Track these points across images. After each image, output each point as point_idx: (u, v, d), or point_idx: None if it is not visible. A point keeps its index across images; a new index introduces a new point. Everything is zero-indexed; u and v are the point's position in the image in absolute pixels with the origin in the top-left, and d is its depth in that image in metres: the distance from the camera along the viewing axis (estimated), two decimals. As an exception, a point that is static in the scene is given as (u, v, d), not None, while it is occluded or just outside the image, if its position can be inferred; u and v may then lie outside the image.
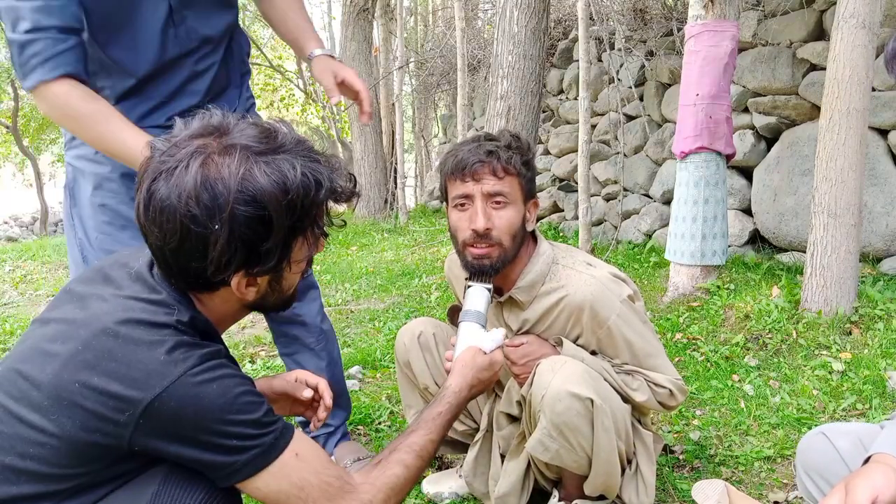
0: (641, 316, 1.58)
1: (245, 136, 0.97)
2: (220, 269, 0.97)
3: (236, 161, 0.94)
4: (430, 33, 10.54)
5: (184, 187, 0.93)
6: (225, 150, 0.95)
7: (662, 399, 1.56)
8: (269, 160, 0.96)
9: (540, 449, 1.46)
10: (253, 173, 0.94)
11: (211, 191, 0.93)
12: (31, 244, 8.70)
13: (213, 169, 0.94)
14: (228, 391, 0.96)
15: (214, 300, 1.06)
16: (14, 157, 17.23)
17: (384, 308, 4.07)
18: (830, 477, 1.14)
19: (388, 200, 8.44)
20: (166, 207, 0.94)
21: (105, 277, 1.06)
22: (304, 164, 0.98)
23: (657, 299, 3.55)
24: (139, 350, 0.94)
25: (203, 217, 0.93)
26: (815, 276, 2.85)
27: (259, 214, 0.94)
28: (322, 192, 1.00)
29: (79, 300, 1.03)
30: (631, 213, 5.35)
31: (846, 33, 2.69)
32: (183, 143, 0.97)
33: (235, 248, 0.96)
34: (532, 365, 1.51)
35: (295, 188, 0.96)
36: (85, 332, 0.96)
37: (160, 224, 0.95)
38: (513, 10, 3.18)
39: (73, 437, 0.93)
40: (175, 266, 0.99)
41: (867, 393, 2.33)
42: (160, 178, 0.95)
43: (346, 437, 2.06)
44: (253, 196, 0.94)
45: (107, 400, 0.92)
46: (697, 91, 3.25)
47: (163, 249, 0.98)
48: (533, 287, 1.56)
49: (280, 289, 1.09)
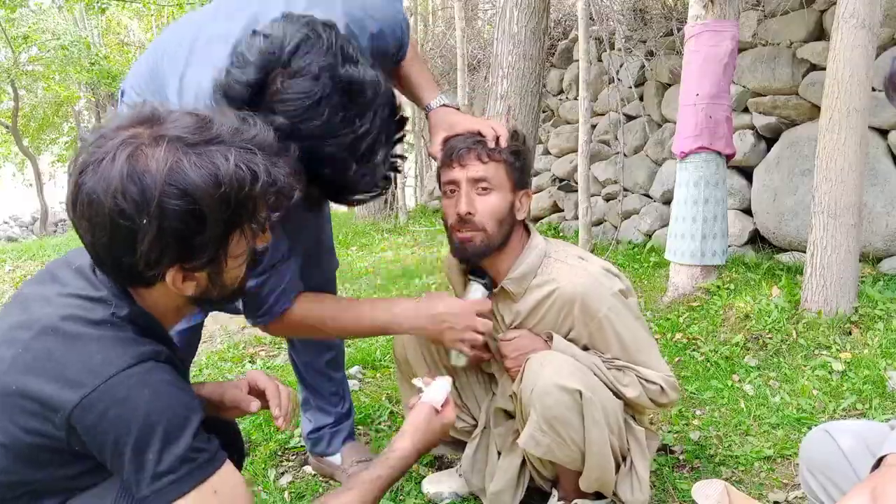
0: (633, 311, 1.58)
1: (177, 127, 0.93)
2: (150, 264, 0.93)
3: (164, 152, 0.89)
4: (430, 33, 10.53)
5: (110, 180, 0.88)
6: (155, 140, 0.90)
7: (654, 396, 1.55)
8: (202, 151, 0.91)
9: (532, 443, 1.47)
10: (182, 165, 0.89)
11: (138, 184, 0.88)
12: (31, 244, 8.70)
13: (140, 161, 0.89)
14: (160, 400, 0.92)
15: (153, 295, 1.02)
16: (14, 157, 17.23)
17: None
18: (833, 475, 1.13)
19: (388, 200, 8.43)
20: (93, 201, 0.89)
21: (52, 277, 1.05)
22: (238, 155, 0.93)
23: (657, 299, 3.55)
24: (76, 347, 0.92)
25: (130, 211, 0.88)
26: (815, 276, 2.85)
27: (189, 208, 0.90)
28: (258, 184, 0.94)
29: (23, 303, 1.01)
30: (631, 213, 5.35)
31: (846, 33, 2.69)
32: (111, 134, 0.92)
33: (166, 243, 0.91)
34: (523, 359, 1.52)
35: (228, 181, 0.91)
36: (26, 334, 0.95)
37: (88, 218, 0.91)
38: (513, 10, 3.18)
39: (18, 442, 0.92)
40: (108, 260, 0.96)
41: (867, 393, 2.32)
42: (87, 171, 0.90)
43: (353, 437, 2.06)
44: (183, 189, 0.89)
45: (41, 403, 0.90)
46: (697, 91, 3.24)
47: (94, 244, 0.94)
48: (524, 279, 1.57)
49: (222, 282, 1.03)
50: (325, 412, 1.99)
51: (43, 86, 14.17)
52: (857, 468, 1.10)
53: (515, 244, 1.59)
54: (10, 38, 11.69)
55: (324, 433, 1.99)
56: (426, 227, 7.34)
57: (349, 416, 2.05)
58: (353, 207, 1.64)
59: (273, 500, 1.86)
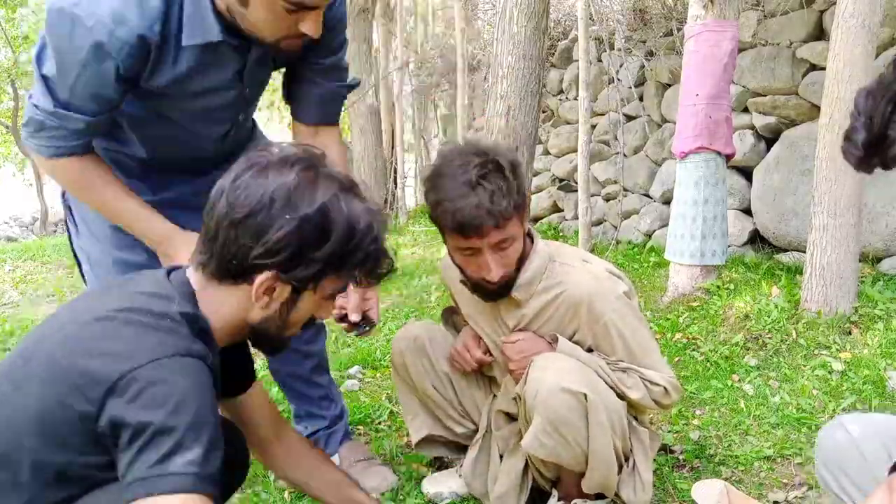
0: (637, 313, 1.58)
1: (337, 173, 1.09)
2: (263, 256, 1.02)
3: (331, 185, 1.05)
4: (430, 33, 10.53)
5: (282, 179, 1.02)
6: (326, 173, 1.07)
7: (657, 397, 1.56)
8: (353, 198, 1.07)
9: (536, 445, 1.46)
10: (339, 199, 1.05)
11: (301, 193, 1.02)
12: (31, 244, 8.69)
13: (307, 177, 1.04)
14: (197, 394, 0.95)
15: (221, 296, 1.07)
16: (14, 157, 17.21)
17: (384, 308, 4.07)
18: (848, 469, 1.14)
19: (388, 200, 8.44)
20: (257, 186, 1.02)
21: (128, 279, 1.13)
22: (374, 216, 1.09)
23: (657, 299, 3.55)
24: (130, 331, 0.97)
25: (281, 205, 1.01)
26: (814, 276, 2.85)
27: (324, 226, 1.03)
28: (374, 245, 1.09)
29: (87, 298, 1.09)
30: (631, 213, 5.35)
31: (846, 33, 2.69)
32: (287, 150, 1.08)
33: (288, 244, 1.02)
34: (527, 361, 1.52)
35: (360, 227, 1.06)
36: (87, 316, 1.00)
37: (239, 196, 1.02)
38: (513, 10, 3.18)
39: (48, 413, 0.95)
40: (222, 237, 1.03)
41: (867, 393, 2.32)
42: (254, 168, 1.04)
43: (349, 437, 2.06)
44: (327, 210, 1.03)
45: (89, 377, 0.93)
46: (697, 91, 3.24)
47: (224, 219, 1.03)
48: (531, 284, 1.57)
49: (287, 318, 1.12)
50: (318, 417, 1.99)
51: (43, 86, 14.12)
52: (871, 460, 1.11)
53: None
54: (10, 38, 11.69)
55: (319, 436, 1.99)
56: (426, 227, 7.34)
57: (342, 416, 2.05)
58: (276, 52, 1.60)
59: (273, 500, 1.86)
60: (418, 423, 1.85)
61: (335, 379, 2.17)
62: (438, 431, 1.85)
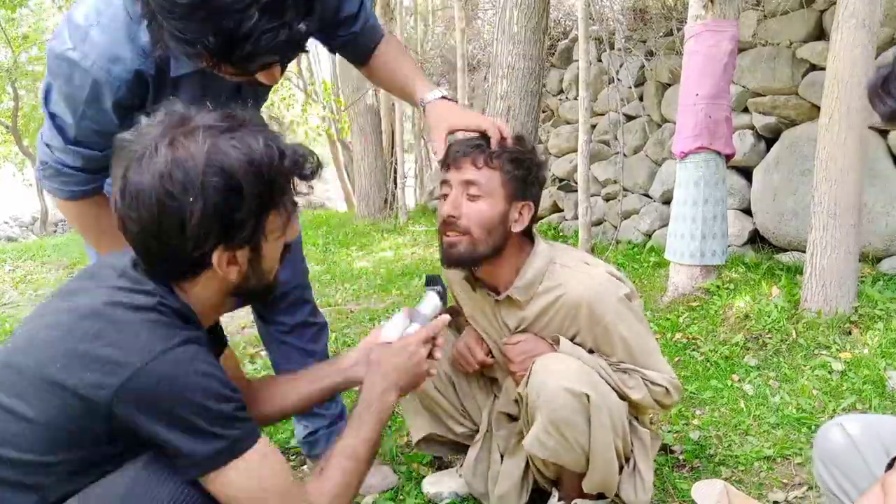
0: (638, 314, 1.58)
1: (207, 118, 1.02)
2: (199, 243, 1.00)
3: (202, 137, 0.99)
4: (430, 33, 10.53)
5: (156, 169, 0.96)
6: (190, 131, 0.99)
7: (658, 397, 1.56)
8: (234, 135, 1.01)
9: (537, 446, 1.46)
10: (219, 146, 0.99)
11: (182, 167, 0.96)
12: (31, 244, 8.70)
13: (180, 148, 0.98)
14: (206, 377, 0.99)
15: (196, 287, 1.08)
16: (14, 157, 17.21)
17: (384, 308, 4.07)
18: (846, 468, 1.15)
19: (388, 200, 8.44)
20: (141, 190, 0.97)
21: (92, 275, 1.10)
22: (266, 136, 1.03)
23: (657, 299, 3.55)
24: (122, 329, 0.97)
25: (178, 192, 0.96)
26: (814, 276, 2.85)
27: (229, 184, 0.98)
28: (286, 161, 1.04)
29: (67, 295, 1.07)
30: (631, 213, 5.35)
31: (846, 33, 2.69)
32: (148, 132, 1.01)
33: (211, 220, 0.99)
34: (529, 363, 1.51)
35: (259, 157, 1.00)
36: (69, 318, 1.00)
37: (137, 208, 0.98)
38: (512, 9, 3.18)
39: (53, 421, 0.95)
40: (155, 250, 1.02)
41: (867, 393, 2.33)
42: (131, 167, 0.98)
43: None
44: (221, 166, 0.98)
45: (87, 378, 0.94)
46: (697, 91, 3.25)
47: (143, 234, 1.01)
48: (531, 286, 1.56)
49: (261, 270, 1.10)
50: (318, 416, 1.99)
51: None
52: (869, 459, 1.11)
53: (512, 253, 1.57)
54: (10, 38, 11.69)
55: (319, 435, 1.99)
56: (426, 227, 7.34)
57: (343, 416, 2.05)
58: (255, 83, 1.55)
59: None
60: (419, 422, 1.85)
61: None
62: (439, 431, 1.85)
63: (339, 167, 13.22)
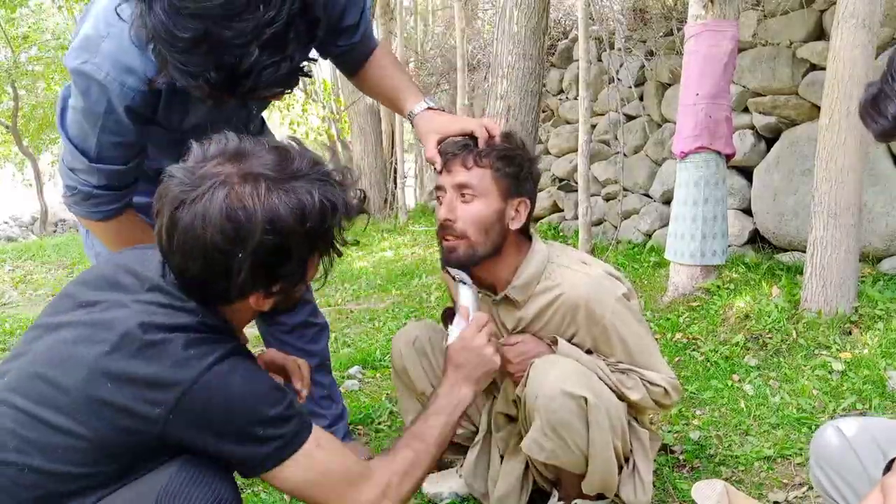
0: (636, 314, 1.58)
1: (262, 164, 1.00)
2: (242, 291, 1.03)
3: (258, 191, 0.97)
4: (430, 33, 10.53)
5: (209, 218, 0.96)
6: (244, 178, 0.98)
7: (657, 398, 1.55)
8: (288, 188, 0.99)
9: (535, 448, 1.46)
10: (273, 203, 0.97)
11: (236, 221, 0.96)
12: (31, 244, 8.70)
13: (235, 199, 0.97)
14: (253, 383, 1.02)
15: (228, 310, 1.11)
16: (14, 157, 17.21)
17: (384, 308, 4.07)
18: (843, 471, 1.14)
19: (388, 200, 8.44)
20: (191, 237, 0.97)
21: (114, 284, 1.09)
22: (320, 189, 1.02)
23: (657, 299, 3.55)
24: (165, 349, 0.98)
25: (228, 247, 0.97)
26: (814, 276, 2.85)
27: (280, 243, 0.99)
28: (337, 216, 1.05)
29: (92, 305, 1.06)
30: (631, 213, 5.35)
31: (846, 33, 2.69)
32: (201, 170, 1.00)
33: (257, 274, 1.01)
34: (527, 364, 1.51)
35: (313, 216, 1.00)
36: (111, 335, 0.99)
37: (183, 251, 0.99)
38: (512, 9, 3.18)
39: (104, 438, 0.97)
40: (196, 285, 1.04)
41: (867, 393, 2.32)
42: (183, 207, 0.98)
43: (348, 438, 2.06)
44: (274, 227, 0.97)
45: (137, 397, 0.96)
46: (697, 91, 3.24)
47: (188, 271, 1.02)
48: (528, 286, 1.56)
49: (292, 298, 1.15)
50: (319, 416, 1.99)
51: (43, 86, 14.16)
52: (865, 461, 1.11)
53: (510, 252, 1.56)
54: (10, 38, 11.69)
55: None
56: (426, 227, 7.34)
57: (343, 417, 2.05)
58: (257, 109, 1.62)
59: (273, 500, 1.86)
60: (418, 423, 1.85)
61: (335, 379, 2.18)
62: (438, 431, 1.84)
63: (339, 167, 13.19)
